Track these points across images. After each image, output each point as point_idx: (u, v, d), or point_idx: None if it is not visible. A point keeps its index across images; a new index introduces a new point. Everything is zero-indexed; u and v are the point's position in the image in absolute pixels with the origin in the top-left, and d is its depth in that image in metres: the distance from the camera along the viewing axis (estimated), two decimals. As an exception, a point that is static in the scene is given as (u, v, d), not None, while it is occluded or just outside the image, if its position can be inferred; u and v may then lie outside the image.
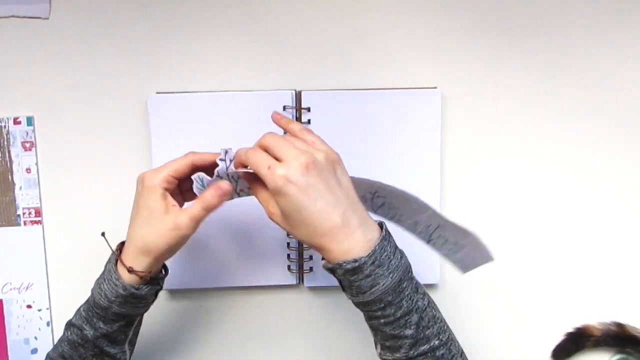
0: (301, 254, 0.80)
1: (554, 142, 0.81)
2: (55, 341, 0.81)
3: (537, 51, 0.79)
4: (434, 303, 0.64)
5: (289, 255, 0.80)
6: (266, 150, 0.61)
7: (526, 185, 0.81)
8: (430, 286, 0.82)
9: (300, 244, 0.80)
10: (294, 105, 0.77)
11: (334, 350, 0.84)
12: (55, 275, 0.81)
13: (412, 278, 0.62)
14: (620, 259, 0.83)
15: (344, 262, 0.59)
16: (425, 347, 0.61)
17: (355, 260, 0.59)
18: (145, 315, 0.76)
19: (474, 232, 0.68)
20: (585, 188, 0.82)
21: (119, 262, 0.65)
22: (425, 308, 0.61)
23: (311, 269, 0.80)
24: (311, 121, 0.77)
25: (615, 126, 0.81)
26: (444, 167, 0.80)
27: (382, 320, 0.61)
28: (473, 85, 0.80)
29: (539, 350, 0.84)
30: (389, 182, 0.79)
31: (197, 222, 0.63)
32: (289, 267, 0.80)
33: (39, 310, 0.81)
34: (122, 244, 0.67)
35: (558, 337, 0.83)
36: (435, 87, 0.79)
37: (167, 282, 0.78)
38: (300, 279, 0.81)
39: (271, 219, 0.63)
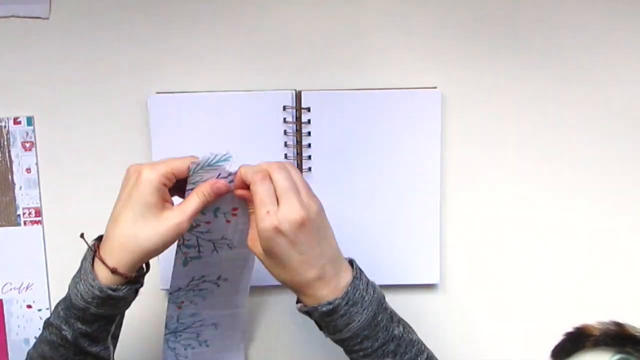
0: (301, 254, 0.80)
1: (554, 142, 0.81)
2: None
3: (537, 51, 0.79)
4: (409, 327, 0.66)
5: (289, 255, 0.80)
6: (271, 181, 0.61)
7: (526, 185, 0.81)
8: (430, 286, 0.82)
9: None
10: (294, 105, 0.77)
11: (334, 350, 0.83)
12: (55, 275, 0.81)
13: (386, 308, 0.63)
14: (620, 258, 0.83)
15: (319, 305, 0.61)
16: None
17: (330, 303, 0.60)
18: (145, 315, 0.76)
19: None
20: (585, 188, 0.82)
21: (96, 260, 0.61)
22: (402, 335, 0.63)
23: (311, 269, 0.80)
24: (311, 121, 0.77)
25: (615, 126, 0.81)
26: (444, 167, 0.80)
27: (360, 353, 0.62)
28: (473, 85, 0.80)
29: (539, 350, 0.84)
30: (389, 182, 0.79)
31: (192, 218, 0.61)
32: (289, 267, 0.80)
33: (39, 310, 0.81)
34: (99, 239, 0.63)
35: (557, 337, 0.83)
36: (435, 87, 0.79)
37: (167, 282, 0.78)
38: (300, 279, 0.81)
39: (250, 248, 0.63)
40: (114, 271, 0.60)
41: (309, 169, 0.78)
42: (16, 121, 0.78)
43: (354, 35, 0.79)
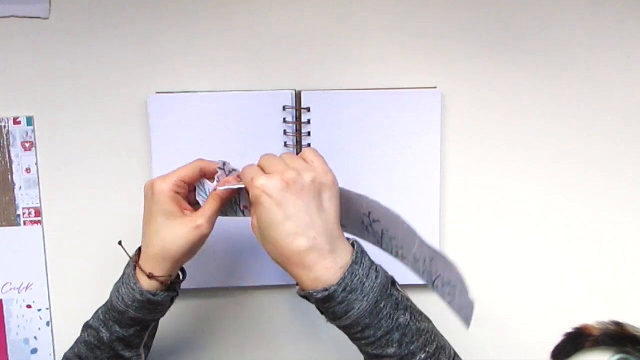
0: (301, 254, 0.80)
1: (554, 142, 0.81)
2: (55, 341, 0.81)
3: (537, 51, 0.79)
4: (420, 313, 0.62)
5: (289, 255, 0.80)
6: (262, 168, 0.62)
7: (526, 185, 0.81)
8: (430, 286, 0.82)
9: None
10: (294, 105, 0.77)
11: (334, 350, 0.84)
12: (55, 275, 0.81)
13: (391, 294, 0.60)
14: (620, 258, 0.83)
15: (314, 292, 0.58)
16: None
17: (326, 290, 0.58)
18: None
19: (455, 262, 0.65)
20: (585, 187, 0.82)
21: (137, 268, 0.65)
22: (408, 323, 0.59)
23: (311, 269, 0.80)
24: (311, 121, 0.77)
25: (615, 126, 0.81)
26: (444, 167, 0.80)
27: (363, 342, 0.60)
28: (473, 85, 0.80)
29: (539, 350, 0.84)
30: (389, 182, 0.79)
31: (213, 221, 0.64)
32: (289, 267, 0.80)
33: (39, 310, 0.81)
34: (140, 249, 0.67)
35: (557, 337, 0.83)
36: (435, 87, 0.79)
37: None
38: (300, 279, 0.81)
39: (252, 230, 0.62)
40: (150, 276, 0.64)
41: (309, 169, 0.78)
42: (16, 121, 0.78)
43: (353, 35, 0.79)
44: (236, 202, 0.67)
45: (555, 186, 0.82)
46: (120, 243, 0.69)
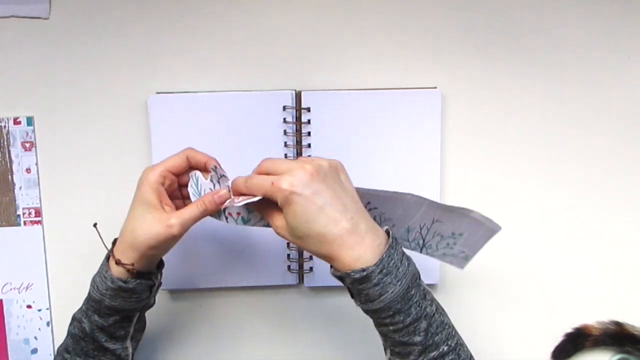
0: (301, 253, 0.80)
1: (554, 142, 0.81)
2: (55, 341, 0.82)
3: (537, 51, 0.79)
4: (442, 308, 0.63)
5: (289, 255, 0.80)
6: (266, 173, 0.61)
7: (526, 185, 0.81)
8: (430, 286, 0.82)
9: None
10: (294, 105, 0.77)
11: (334, 350, 0.84)
12: (55, 275, 0.81)
13: (419, 285, 0.61)
14: (620, 258, 0.83)
15: (352, 272, 0.58)
16: (435, 353, 0.60)
17: (364, 270, 0.58)
18: (145, 314, 0.76)
19: (472, 210, 0.67)
20: (585, 187, 0.82)
21: (110, 256, 0.65)
22: (434, 314, 0.61)
23: (311, 269, 0.80)
24: (311, 121, 0.77)
25: (615, 126, 0.81)
26: (444, 167, 0.80)
27: (391, 328, 0.60)
28: (473, 85, 0.80)
29: (539, 350, 0.84)
30: (389, 183, 0.79)
31: (187, 225, 0.63)
32: (289, 267, 0.80)
33: (39, 310, 0.81)
34: (116, 239, 0.67)
35: (557, 337, 0.83)
36: (435, 87, 0.79)
37: (168, 282, 0.78)
38: (300, 279, 0.81)
39: (277, 232, 0.62)
40: (117, 262, 0.63)
41: (309, 169, 0.78)
42: (16, 121, 0.78)
43: (353, 35, 0.79)
44: (223, 210, 0.66)
45: (555, 186, 0.82)
46: (95, 225, 0.69)
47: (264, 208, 0.63)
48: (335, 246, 0.59)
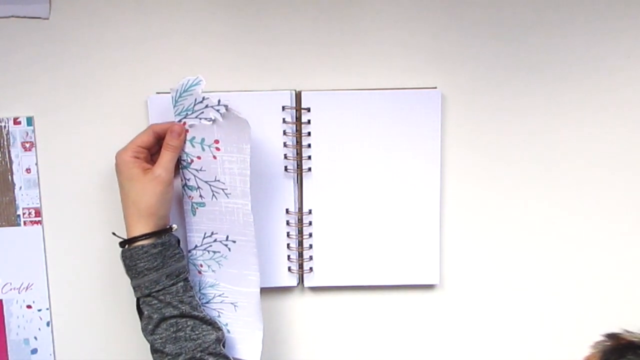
0: (301, 254, 0.80)
1: (554, 142, 0.81)
2: (55, 341, 0.81)
3: (537, 51, 0.79)
4: None
5: (289, 256, 0.80)
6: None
7: (526, 185, 0.81)
8: (430, 287, 0.82)
9: (300, 244, 0.80)
10: (294, 105, 0.77)
11: (334, 351, 0.84)
12: (55, 275, 0.81)
13: None
14: (619, 259, 0.83)
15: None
16: None
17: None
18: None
19: None
20: (585, 187, 0.82)
21: (127, 245, 0.70)
22: None
23: (311, 269, 0.80)
24: (311, 121, 0.77)
25: (615, 126, 0.81)
26: (444, 167, 0.80)
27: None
28: (473, 85, 0.80)
29: (538, 350, 0.84)
30: (389, 182, 0.79)
31: (169, 167, 0.71)
32: (289, 267, 0.80)
33: (39, 310, 0.81)
34: (122, 242, 0.72)
35: (556, 337, 0.83)
36: (435, 87, 0.79)
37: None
38: (301, 280, 0.81)
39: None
40: (143, 236, 0.69)
41: (309, 169, 0.78)
42: (16, 121, 0.78)
43: (354, 35, 0.78)
44: (203, 145, 0.73)
45: (555, 185, 0.81)
46: (114, 234, 0.73)
47: None
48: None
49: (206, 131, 0.72)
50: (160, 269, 0.69)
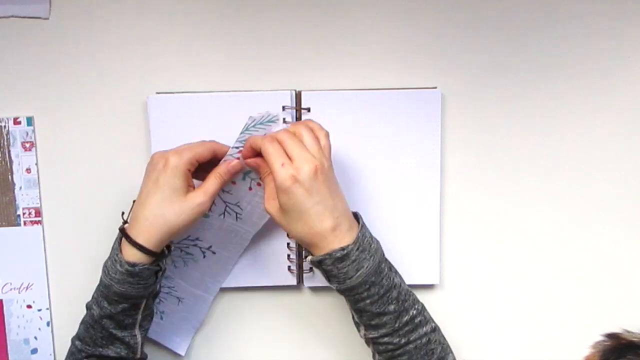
0: (301, 254, 0.80)
1: (554, 141, 0.81)
2: (55, 341, 0.82)
3: (537, 51, 0.79)
4: (403, 278, 0.71)
5: (289, 255, 0.80)
6: (283, 147, 0.67)
7: (526, 185, 0.81)
8: (430, 287, 0.82)
9: (300, 244, 0.80)
10: (294, 105, 0.77)
11: (334, 350, 0.84)
12: (55, 275, 0.81)
13: (386, 259, 0.70)
14: (619, 260, 0.83)
15: (333, 252, 0.66)
16: (406, 317, 0.69)
17: (343, 249, 0.66)
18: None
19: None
20: (585, 187, 0.82)
21: (123, 241, 0.67)
22: (401, 284, 0.70)
23: (311, 269, 0.80)
24: (311, 121, 0.77)
25: (615, 126, 0.81)
26: (444, 167, 0.80)
27: (367, 301, 0.67)
28: (473, 85, 0.80)
29: (537, 351, 0.84)
30: (389, 182, 0.79)
31: (213, 198, 0.69)
32: (289, 267, 0.80)
33: (39, 310, 0.81)
34: (125, 222, 0.70)
35: (556, 338, 0.83)
36: (435, 87, 0.79)
37: (167, 282, 0.78)
38: (300, 279, 0.81)
39: (267, 209, 0.69)
40: (140, 248, 0.66)
41: (309, 169, 0.78)
42: (16, 121, 0.78)
43: (354, 35, 0.78)
44: (247, 177, 0.74)
45: (555, 185, 0.82)
46: (123, 215, 0.71)
47: (267, 181, 0.69)
48: (318, 239, 0.66)
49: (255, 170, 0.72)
50: (115, 282, 0.66)
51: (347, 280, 0.66)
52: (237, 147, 0.71)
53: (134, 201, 0.70)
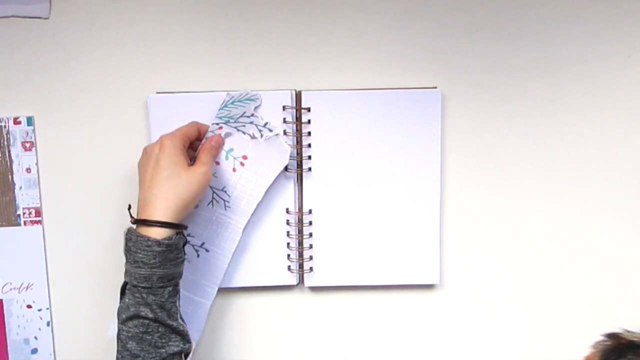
0: (301, 254, 0.80)
1: (554, 141, 0.81)
2: (55, 341, 0.81)
3: (537, 51, 0.79)
4: None
5: (289, 255, 0.80)
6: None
7: (526, 185, 0.81)
8: (430, 286, 0.82)
9: (300, 244, 0.80)
10: (294, 105, 0.77)
11: (334, 350, 0.84)
12: (55, 275, 0.81)
13: None
14: (619, 260, 0.83)
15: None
16: None
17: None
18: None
19: None
20: (585, 187, 0.82)
21: (140, 228, 0.68)
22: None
23: (311, 269, 0.80)
24: (311, 121, 0.77)
25: (616, 126, 0.81)
26: (444, 167, 0.80)
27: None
28: (473, 85, 0.80)
29: (537, 351, 0.84)
30: (389, 182, 0.79)
31: (212, 167, 0.73)
32: (289, 267, 0.80)
33: (39, 310, 0.81)
34: (134, 221, 0.70)
35: (556, 338, 0.83)
36: (435, 87, 0.79)
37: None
38: (301, 279, 0.81)
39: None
40: (163, 224, 0.67)
41: (309, 169, 0.78)
42: (16, 121, 0.78)
43: (354, 35, 0.78)
44: (229, 155, 0.75)
45: (556, 186, 0.81)
46: (129, 208, 0.73)
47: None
48: None
49: (239, 143, 0.75)
50: (155, 268, 0.67)
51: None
52: (216, 124, 0.75)
53: (129, 205, 0.72)
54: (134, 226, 0.69)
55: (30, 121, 0.78)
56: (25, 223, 0.79)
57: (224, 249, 0.78)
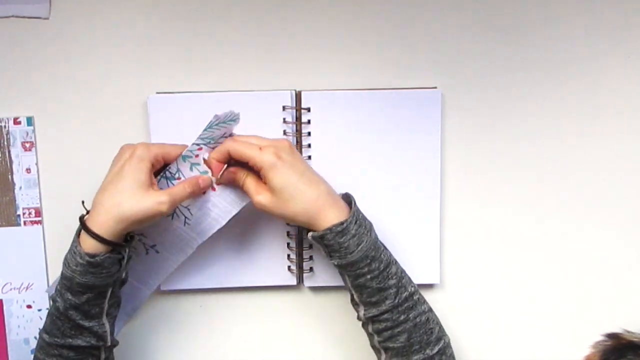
0: (301, 254, 0.80)
1: (554, 141, 0.81)
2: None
3: (537, 51, 0.79)
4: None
5: (288, 255, 0.80)
6: (227, 152, 0.70)
7: (526, 185, 0.81)
8: (430, 286, 0.82)
9: (300, 244, 0.80)
10: (294, 105, 0.77)
11: (334, 350, 0.84)
12: (55, 275, 0.80)
13: (377, 237, 0.72)
14: (618, 260, 0.83)
15: (333, 226, 0.67)
16: (406, 293, 0.70)
17: (342, 223, 0.68)
18: (144, 314, 0.76)
19: None
20: (585, 186, 0.82)
21: (82, 231, 0.66)
22: (396, 262, 0.72)
23: (311, 269, 0.80)
24: (311, 121, 0.77)
25: (615, 126, 0.81)
26: (444, 167, 0.80)
27: (368, 276, 0.69)
28: (473, 85, 0.80)
29: (537, 351, 0.84)
30: (389, 182, 0.79)
31: (176, 204, 0.68)
32: (289, 267, 0.80)
33: (39, 310, 0.81)
34: (88, 212, 0.68)
35: (556, 337, 0.83)
36: (435, 87, 0.79)
37: (167, 282, 0.79)
38: (300, 279, 0.81)
39: (259, 204, 0.69)
40: (95, 236, 0.65)
41: (309, 169, 0.78)
42: (16, 121, 0.78)
43: (354, 35, 0.78)
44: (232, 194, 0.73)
45: (555, 185, 0.82)
46: (83, 203, 0.70)
47: (246, 181, 0.70)
48: (318, 206, 0.68)
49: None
50: (76, 274, 0.65)
51: (348, 255, 0.68)
52: (197, 144, 0.71)
53: (82, 201, 0.70)
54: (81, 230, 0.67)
55: (30, 121, 0.78)
56: (25, 223, 0.79)
57: (174, 255, 0.76)
